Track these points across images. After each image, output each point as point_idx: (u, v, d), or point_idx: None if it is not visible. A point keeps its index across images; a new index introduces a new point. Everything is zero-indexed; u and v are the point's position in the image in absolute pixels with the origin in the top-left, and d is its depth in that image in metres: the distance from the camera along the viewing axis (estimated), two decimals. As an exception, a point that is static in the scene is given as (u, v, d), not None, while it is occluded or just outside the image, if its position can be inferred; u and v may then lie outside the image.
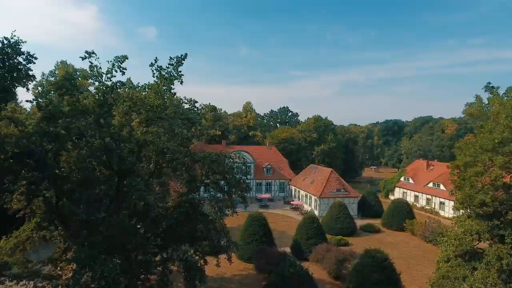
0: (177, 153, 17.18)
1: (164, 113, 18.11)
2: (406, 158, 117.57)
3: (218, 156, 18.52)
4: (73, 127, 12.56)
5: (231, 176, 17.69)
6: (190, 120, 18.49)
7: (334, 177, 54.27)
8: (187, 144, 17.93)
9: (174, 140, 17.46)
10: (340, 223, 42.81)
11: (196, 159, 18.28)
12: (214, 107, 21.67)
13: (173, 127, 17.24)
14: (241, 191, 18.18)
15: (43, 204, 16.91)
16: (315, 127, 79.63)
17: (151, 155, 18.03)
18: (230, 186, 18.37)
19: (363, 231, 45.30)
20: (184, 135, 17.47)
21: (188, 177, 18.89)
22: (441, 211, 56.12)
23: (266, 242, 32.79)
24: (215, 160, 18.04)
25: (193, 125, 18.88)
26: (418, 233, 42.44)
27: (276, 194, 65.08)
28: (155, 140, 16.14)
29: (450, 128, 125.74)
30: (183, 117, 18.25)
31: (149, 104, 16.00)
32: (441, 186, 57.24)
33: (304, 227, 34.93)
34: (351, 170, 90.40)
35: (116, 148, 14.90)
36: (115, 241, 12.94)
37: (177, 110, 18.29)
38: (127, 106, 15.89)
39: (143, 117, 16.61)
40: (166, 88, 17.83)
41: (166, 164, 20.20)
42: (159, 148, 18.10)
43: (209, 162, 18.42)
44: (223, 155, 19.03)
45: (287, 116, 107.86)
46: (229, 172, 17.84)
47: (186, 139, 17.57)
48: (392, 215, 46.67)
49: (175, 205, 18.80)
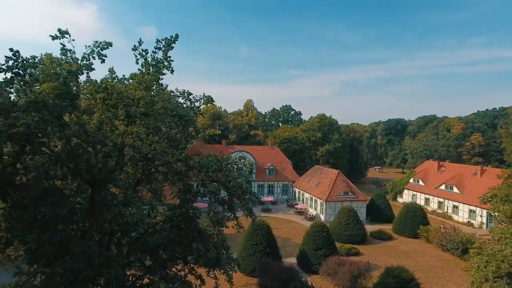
0: (166, 157, 13.95)
1: (151, 109, 14.87)
2: (411, 158, 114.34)
3: (219, 162, 15.25)
4: (20, 124, 9.41)
5: (234, 186, 14.40)
6: (182, 117, 15.18)
7: (341, 179, 51.01)
8: (180, 146, 14.67)
9: (160, 142, 14.18)
10: (349, 229, 39.55)
11: (191, 165, 15.01)
12: (210, 98, 18.36)
13: (159, 127, 13.97)
14: (247, 202, 14.91)
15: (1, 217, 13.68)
16: (320, 126, 76.24)
17: (137, 159, 14.78)
18: (232, 197, 15.12)
19: (374, 238, 42.04)
20: (173, 136, 14.18)
21: (181, 186, 15.63)
22: (454, 215, 52.84)
23: (271, 253, 29.59)
24: (213, 166, 14.79)
25: (186, 123, 15.54)
26: (434, 241, 39.18)
27: (279, 196, 61.87)
28: (135, 142, 12.88)
29: (456, 127, 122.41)
30: (174, 114, 14.94)
31: (128, 97, 12.73)
32: (455, 189, 53.97)
33: (312, 235, 31.69)
34: (356, 171, 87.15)
35: (83, 153, 11.65)
36: (78, 275, 9.76)
37: (167, 105, 14.98)
38: (99, 100, 12.63)
39: (122, 114, 13.33)
40: (152, 78, 14.55)
41: (155, 169, 17.03)
42: (141, 153, 14.88)
43: (206, 168, 15.18)
44: (225, 161, 15.71)
45: (289, 115, 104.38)
46: (232, 180, 14.57)
47: (175, 140, 14.28)
48: (405, 221, 43.39)
49: (166, 219, 15.54)
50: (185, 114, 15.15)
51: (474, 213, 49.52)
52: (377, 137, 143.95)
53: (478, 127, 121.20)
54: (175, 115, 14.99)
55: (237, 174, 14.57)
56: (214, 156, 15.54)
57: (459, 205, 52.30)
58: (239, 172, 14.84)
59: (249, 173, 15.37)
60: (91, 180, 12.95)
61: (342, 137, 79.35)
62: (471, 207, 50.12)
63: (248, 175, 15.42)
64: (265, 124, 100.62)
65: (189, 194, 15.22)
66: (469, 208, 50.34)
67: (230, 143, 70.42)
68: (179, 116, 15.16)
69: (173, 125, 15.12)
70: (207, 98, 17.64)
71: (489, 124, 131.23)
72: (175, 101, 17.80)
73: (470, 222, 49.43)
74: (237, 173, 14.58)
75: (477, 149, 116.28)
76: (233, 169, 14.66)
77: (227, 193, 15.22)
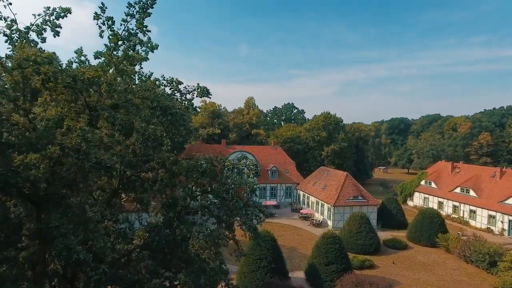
0: (139, 162, 10.31)
1: (125, 99, 11.20)
2: (417, 159, 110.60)
3: (211, 164, 11.56)
4: None
5: (233, 197, 10.71)
6: (166, 110, 11.45)
7: (350, 182, 47.27)
8: (163, 148, 11.01)
9: (136, 141, 10.48)
10: (361, 238, 35.83)
11: (177, 171, 11.31)
12: (206, 90, 15.02)
13: (131, 122, 10.29)
14: (249, 219, 11.24)
15: None
16: (324, 125, 72.37)
17: (102, 166, 11.05)
18: (231, 212, 11.43)
19: (388, 247, 38.32)
20: (151, 133, 10.48)
21: (164, 200, 11.94)
22: (471, 220, 49.10)
23: (276, 269, 25.92)
24: (205, 171, 11.08)
25: (173, 118, 11.80)
26: (456, 251, 35.44)
27: (282, 199, 58.14)
28: (91, 143, 9.17)
29: (463, 126, 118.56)
30: (154, 105, 11.21)
31: (70, 76, 9.01)
32: (471, 192, 50.22)
33: (323, 248, 28.01)
34: (362, 172, 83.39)
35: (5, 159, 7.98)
36: None
37: (145, 94, 11.25)
38: (38, 82, 8.92)
39: (80, 106, 9.64)
40: (122, 56, 10.84)
41: (136, 176, 13.36)
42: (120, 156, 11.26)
43: (197, 175, 11.51)
44: (222, 164, 12.03)
45: (292, 113, 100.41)
46: (231, 190, 10.88)
47: (155, 139, 10.58)
48: (421, 228, 39.68)
49: (145, 243, 11.85)
50: (170, 106, 11.39)
51: (494, 218, 45.81)
52: (381, 137, 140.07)
53: (486, 126, 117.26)
54: (156, 107, 11.24)
55: (237, 180, 10.81)
56: (209, 159, 11.84)
57: (476, 209, 48.57)
58: (239, 176, 11.09)
59: (254, 176, 11.67)
60: (34, 197, 9.25)
61: (348, 136, 75.58)
62: (490, 212, 46.41)
63: (252, 182, 11.67)
64: (267, 123, 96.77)
65: (174, 210, 11.50)
66: (488, 213, 46.63)
67: (230, 143, 66.70)
68: (162, 109, 11.40)
69: (154, 120, 11.37)
70: (201, 90, 13.85)
71: (497, 123, 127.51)
72: (162, 91, 14.08)
73: (490, 229, 45.71)
74: (237, 178, 10.83)
75: (485, 149, 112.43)
76: (232, 175, 10.94)
77: (224, 207, 11.51)
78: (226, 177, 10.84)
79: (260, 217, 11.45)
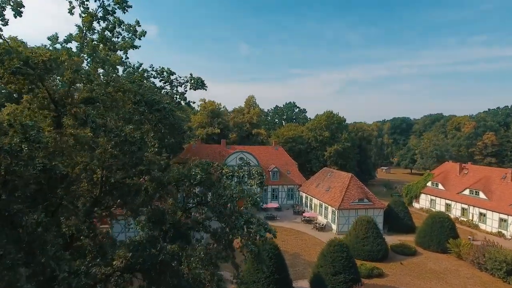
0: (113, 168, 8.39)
1: (104, 92, 9.26)
2: (420, 159, 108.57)
3: (207, 172, 9.59)
4: None
5: (232, 213, 8.76)
6: (152, 105, 9.49)
7: (355, 184, 45.29)
8: (138, 152, 9.04)
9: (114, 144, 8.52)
10: (369, 244, 33.85)
11: (164, 181, 9.34)
12: (201, 81, 13.22)
13: (105, 119, 8.34)
14: (252, 239, 9.28)
15: None
16: (327, 124, 70.33)
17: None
18: (232, 230, 9.45)
19: (396, 253, 36.33)
20: (127, 135, 8.52)
21: (149, 214, 9.98)
22: (481, 223, 47.12)
23: (279, 280, 24.01)
24: (200, 183, 9.10)
25: (160, 114, 9.85)
26: (468, 258, 33.47)
27: (284, 201, 56.14)
28: (37, 144, 7.20)
29: (467, 126, 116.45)
30: (138, 99, 9.26)
31: (22, 59, 7.05)
32: (481, 194, 48.23)
33: (330, 256, 26.09)
34: (365, 172, 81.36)
35: None
36: None
37: (126, 86, 9.29)
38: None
39: (41, 98, 7.69)
40: (98, 39, 8.88)
41: (118, 183, 11.43)
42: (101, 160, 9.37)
43: (190, 186, 9.54)
44: (217, 169, 10.07)
45: (293, 112, 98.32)
46: (229, 203, 8.91)
47: (132, 142, 8.62)
48: (431, 233, 37.68)
49: (126, 265, 9.89)
50: (156, 100, 9.42)
51: (506, 222, 43.83)
52: (383, 136, 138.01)
53: (490, 125, 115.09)
54: (140, 102, 9.27)
55: (237, 191, 8.84)
56: (204, 167, 9.86)
57: (486, 212, 46.57)
58: (240, 186, 9.13)
59: (259, 186, 9.75)
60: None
61: (351, 136, 73.57)
62: (501, 215, 44.42)
63: (254, 194, 9.69)
64: (268, 123, 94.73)
65: (162, 226, 9.54)
66: (499, 216, 44.64)
67: (230, 143, 64.71)
68: (148, 104, 9.43)
69: (137, 117, 9.41)
70: (195, 81, 11.88)
71: (501, 123, 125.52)
72: (150, 83, 12.14)
73: (501, 233, 43.73)
74: (237, 189, 8.86)
75: (489, 149, 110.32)
76: (231, 185, 8.97)
77: (221, 224, 9.54)
78: (224, 187, 8.90)
79: (264, 237, 9.50)
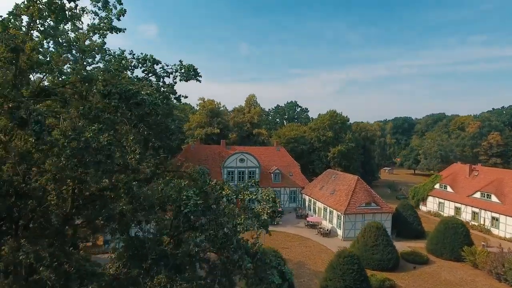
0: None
1: (62, 82, 7.02)
2: (424, 159, 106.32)
3: (201, 190, 7.28)
4: None
5: (235, 249, 6.49)
6: (130, 98, 7.18)
7: (362, 187, 43.03)
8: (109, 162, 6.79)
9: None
10: (379, 253, 31.60)
11: (146, 204, 7.03)
12: (193, 69, 11.28)
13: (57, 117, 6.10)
14: (258, 279, 7.03)
15: None
16: (330, 124, 67.99)
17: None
18: (234, 266, 7.14)
19: (407, 261, 34.07)
20: (92, 140, 6.25)
21: (128, 243, 7.68)
22: (494, 228, 44.87)
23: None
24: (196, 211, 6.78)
25: (141, 109, 7.58)
26: (486, 268, 31.21)
27: (286, 204, 53.88)
28: None
29: (472, 126, 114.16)
30: (107, 90, 6.97)
31: None
32: (493, 197, 45.97)
33: (339, 269, 23.84)
34: (369, 173, 79.07)
35: None
36: None
37: (92, 75, 6.99)
38: None
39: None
40: (59, 7, 6.61)
41: (90, 197, 9.22)
42: None
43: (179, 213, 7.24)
44: (216, 191, 7.77)
45: (295, 112, 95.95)
46: (231, 238, 6.60)
47: (99, 150, 6.34)
48: (443, 240, 35.42)
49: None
50: (134, 91, 7.12)
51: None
52: (386, 136, 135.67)
53: (495, 125, 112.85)
54: (112, 94, 6.99)
55: (243, 221, 6.55)
56: (201, 180, 7.52)
57: (499, 217, 44.31)
58: (244, 214, 6.82)
59: (270, 216, 7.41)
60: None
61: (355, 136, 71.29)
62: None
63: (267, 220, 7.40)
64: (269, 122, 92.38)
65: (142, 262, 7.22)
66: None
67: (230, 143, 62.40)
68: (123, 97, 7.12)
69: (106, 115, 7.13)
70: (186, 69, 9.55)
71: (506, 123, 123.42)
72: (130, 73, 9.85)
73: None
74: (242, 219, 6.57)
75: (495, 149, 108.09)
76: (233, 211, 6.66)
77: (221, 260, 7.21)
78: (223, 213, 6.61)
79: (280, 283, 7.22)
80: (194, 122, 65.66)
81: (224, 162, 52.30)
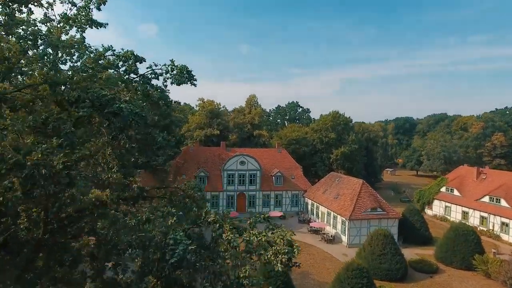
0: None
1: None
2: (427, 160, 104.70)
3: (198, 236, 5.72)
4: None
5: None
6: (105, 107, 5.56)
7: (367, 191, 41.48)
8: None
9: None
10: (387, 262, 30.07)
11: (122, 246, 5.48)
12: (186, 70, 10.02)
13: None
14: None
15: None
16: (333, 125, 66.41)
17: None
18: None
19: (415, 270, 32.51)
20: (47, 164, 4.72)
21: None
22: (504, 234, 43.33)
23: (290, 313, 20.20)
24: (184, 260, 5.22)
25: (120, 119, 5.94)
26: (499, 278, 29.65)
27: (288, 208, 52.35)
28: None
29: (475, 126, 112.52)
30: (77, 96, 5.36)
31: None
32: (503, 202, 44.42)
33: (347, 282, 22.32)
34: (371, 175, 77.48)
35: None
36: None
37: (58, 78, 5.39)
38: None
39: None
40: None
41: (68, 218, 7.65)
42: None
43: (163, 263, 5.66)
44: (217, 233, 6.16)
45: (296, 113, 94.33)
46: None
47: (44, 177, 4.80)
48: (453, 247, 33.86)
49: None
50: (110, 97, 5.54)
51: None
52: (387, 137, 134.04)
53: (499, 126, 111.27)
54: (81, 100, 5.40)
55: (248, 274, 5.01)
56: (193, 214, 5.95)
57: (509, 222, 42.78)
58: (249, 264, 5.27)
59: (285, 267, 5.94)
60: None
61: (358, 137, 69.72)
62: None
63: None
64: (270, 123, 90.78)
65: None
66: None
67: (230, 145, 60.85)
68: (95, 103, 5.54)
69: (71, 129, 5.55)
70: (179, 71, 7.94)
71: (510, 123, 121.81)
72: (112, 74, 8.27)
73: (527, 245, 39.94)
74: (248, 269, 5.03)
75: (498, 150, 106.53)
76: (237, 257, 5.12)
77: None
78: (223, 261, 5.07)
79: None
80: (194, 123, 64.09)
81: (224, 164, 50.74)
